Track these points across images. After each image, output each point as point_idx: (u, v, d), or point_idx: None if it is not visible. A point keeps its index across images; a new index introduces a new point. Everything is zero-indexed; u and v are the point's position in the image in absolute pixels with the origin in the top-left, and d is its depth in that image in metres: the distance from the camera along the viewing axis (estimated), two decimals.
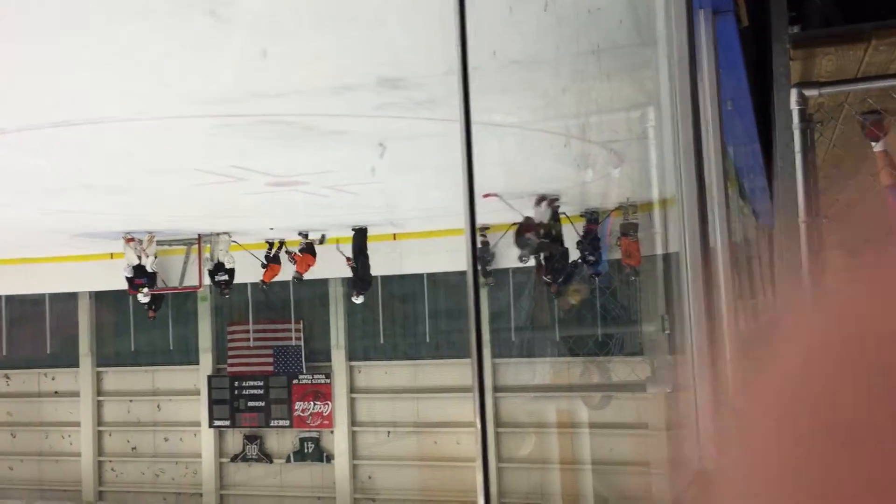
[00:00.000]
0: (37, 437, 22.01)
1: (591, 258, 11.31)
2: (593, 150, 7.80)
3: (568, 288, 10.60)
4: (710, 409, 2.49)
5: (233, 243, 14.75)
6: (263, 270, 15.35)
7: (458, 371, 18.70)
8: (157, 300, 15.78)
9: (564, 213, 11.24)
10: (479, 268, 12.46)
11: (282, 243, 15.05)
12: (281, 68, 4.78)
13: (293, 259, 14.58)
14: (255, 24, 4.03)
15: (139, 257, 14.14)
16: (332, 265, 14.99)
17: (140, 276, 14.41)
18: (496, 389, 18.19)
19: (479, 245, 12.35)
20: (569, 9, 3.98)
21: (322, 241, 14.43)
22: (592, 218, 11.48)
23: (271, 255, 15.33)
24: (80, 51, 4.34)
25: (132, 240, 13.95)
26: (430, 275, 18.53)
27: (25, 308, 21.57)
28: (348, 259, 13.79)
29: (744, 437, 0.38)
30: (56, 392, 21.95)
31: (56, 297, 20.33)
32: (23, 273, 16.58)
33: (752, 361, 0.39)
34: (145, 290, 14.58)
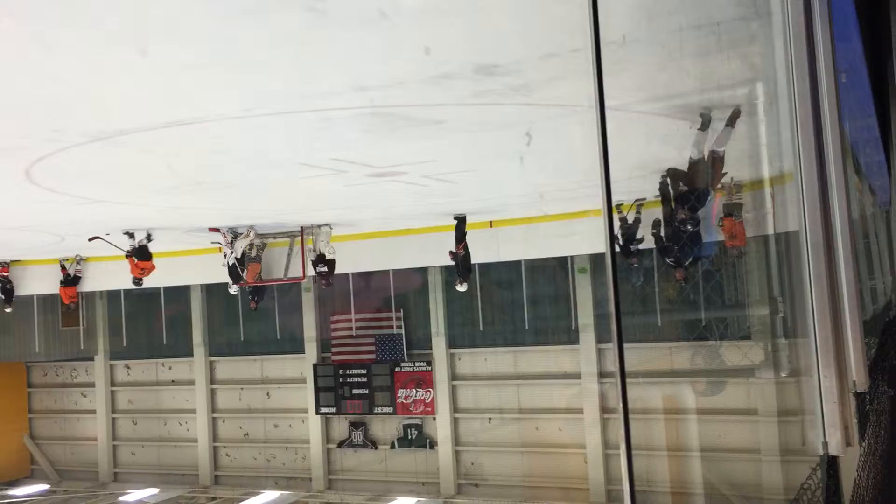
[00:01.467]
0: (156, 423, 23.13)
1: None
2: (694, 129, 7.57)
3: (688, 271, 10.03)
4: (835, 394, 2.40)
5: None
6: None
7: (559, 357, 18.60)
8: (258, 292, 16.24)
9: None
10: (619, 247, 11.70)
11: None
12: (381, 60, 4.85)
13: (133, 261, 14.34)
14: (354, 17, 4.09)
15: (224, 254, 14.57)
16: (430, 254, 15.11)
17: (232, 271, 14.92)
18: (601, 375, 17.99)
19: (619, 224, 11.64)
20: None
21: (149, 239, 13.97)
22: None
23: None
24: (186, 52, 4.51)
25: (217, 230, 14.34)
26: (528, 261, 18.44)
27: (142, 302, 22.68)
28: (460, 246, 13.67)
29: None
30: (173, 381, 23.01)
31: (170, 291, 21.27)
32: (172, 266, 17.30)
33: None
34: (229, 282, 15.09)
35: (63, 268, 18.10)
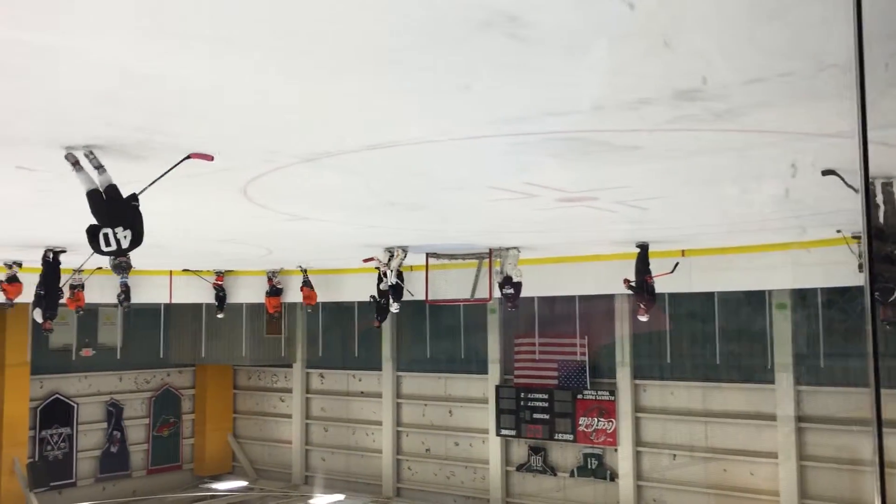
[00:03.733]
0: (345, 432, 24.18)
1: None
2: None
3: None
4: None
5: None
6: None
7: (752, 396, 17.57)
8: (380, 312, 16.59)
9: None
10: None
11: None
12: (579, 86, 4.84)
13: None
14: (555, 44, 4.11)
15: (384, 273, 15.05)
16: (616, 281, 14.78)
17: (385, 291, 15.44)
18: (799, 418, 16.81)
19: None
20: None
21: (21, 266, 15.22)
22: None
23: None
24: (387, 79, 4.72)
25: (371, 259, 14.91)
26: (721, 294, 17.65)
27: (337, 315, 23.84)
28: (626, 281, 13.46)
29: None
30: (362, 392, 23.99)
31: (364, 306, 22.22)
32: (335, 283, 18.31)
33: None
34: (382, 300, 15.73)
35: (269, 279, 19.48)
